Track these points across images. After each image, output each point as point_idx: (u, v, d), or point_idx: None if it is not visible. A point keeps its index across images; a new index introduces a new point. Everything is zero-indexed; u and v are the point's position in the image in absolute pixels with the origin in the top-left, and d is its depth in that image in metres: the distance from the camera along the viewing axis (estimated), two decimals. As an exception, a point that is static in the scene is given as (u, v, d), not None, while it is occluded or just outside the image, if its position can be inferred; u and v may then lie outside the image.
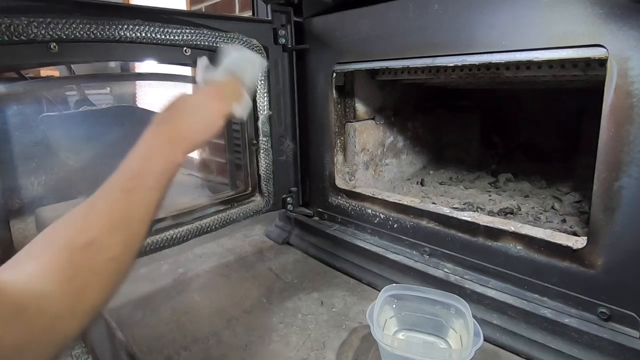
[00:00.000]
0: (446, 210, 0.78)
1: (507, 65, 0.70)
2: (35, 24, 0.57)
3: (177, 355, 0.67)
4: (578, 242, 0.61)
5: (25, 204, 0.90)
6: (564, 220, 0.83)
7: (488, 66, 0.75)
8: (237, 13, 1.53)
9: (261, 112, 0.91)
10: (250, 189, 0.96)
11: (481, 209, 0.92)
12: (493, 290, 0.69)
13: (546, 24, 0.59)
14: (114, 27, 0.65)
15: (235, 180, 1.05)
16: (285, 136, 0.99)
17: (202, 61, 0.60)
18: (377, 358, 0.64)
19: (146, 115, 1.08)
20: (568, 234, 0.67)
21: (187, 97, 0.53)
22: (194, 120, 0.51)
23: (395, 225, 0.85)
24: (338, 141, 0.99)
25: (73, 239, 0.36)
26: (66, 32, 0.60)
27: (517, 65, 0.70)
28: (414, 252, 0.82)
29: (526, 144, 1.35)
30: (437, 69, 0.83)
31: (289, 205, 1.03)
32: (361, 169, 1.04)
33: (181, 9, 0.99)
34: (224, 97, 0.56)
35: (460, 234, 0.75)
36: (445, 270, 0.76)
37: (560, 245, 0.62)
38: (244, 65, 0.61)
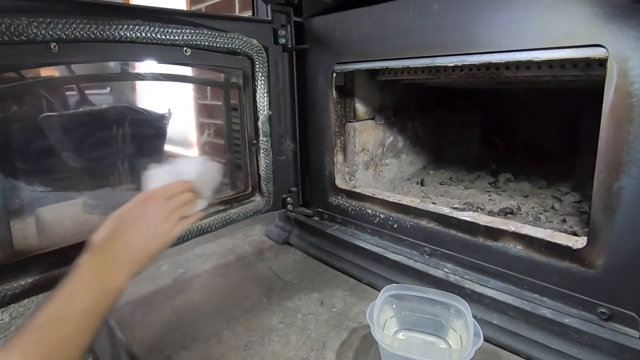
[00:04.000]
0: (446, 210, 0.78)
1: (507, 65, 0.70)
2: (35, 24, 0.57)
3: (177, 355, 0.67)
4: (578, 242, 0.61)
5: (25, 204, 0.90)
6: (564, 220, 0.83)
7: (488, 66, 0.75)
8: (237, 13, 1.53)
9: (261, 112, 0.91)
10: (250, 189, 0.96)
11: (481, 209, 0.92)
12: (493, 290, 0.69)
13: (546, 24, 0.59)
14: (114, 27, 0.65)
15: (235, 180, 1.04)
16: (285, 136, 0.99)
17: (152, 174, 0.55)
18: (377, 358, 0.64)
19: (144, 116, 1.07)
20: (568, 234, 0.67)
21: (126, 211, 0.48)
22: (136, 237, 0.47)
23: (395, 225, 0.85)
24: (338, 141, 0.99)
25: None
26: (66, 32, 0.60)
27: (517, 65, 0.70)
28: (414, 252, 0.82)
29: (526, 144, 1.36)
30: (437, 69, 0.83)
31: (289, 205, 1.03)
32: (361, 169, 1.04)
33: (181, 9, 0.99)
34: (172, 203, 0.51)
35: (460, 234, 0.75)
36: (445, 270, 0.76)
37: (560, 245, 0.62)
38: (203, 178, 0.59)
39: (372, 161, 1.07)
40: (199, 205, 0.58)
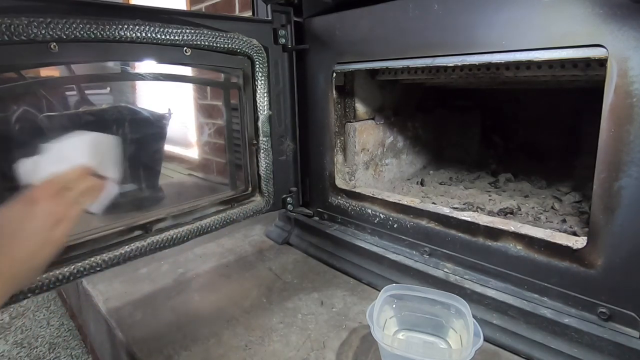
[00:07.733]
0: (446, 210, 0.78)
1: (507, 65, 0.70)
2: (35, 24, 0.57)
3: (177, 355, 0.67)
4: (578, 242, 0.61)
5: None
6: (564, 220, 0.83)
7: (488, 66, 0.75)
8: (237, 13, 1.53)
9: (261, 112, 0.91)
10: (250, 189, 0.96)
11: (481, 209, 0.92)
12: (493, 290, 0.69)
13: (546, 24, 0.59)
14: (114, 27, 0.65)
15: (235, 180, 1.04)
16: (285, 136, 0.99)
17: (32, 166, 0.47)
18: (377, 358, 0.64)
19: (144, 116, 1.07)
20: (568, 234, 0.67)
21: (5, 216, 0.40)
22: (20, 247, 0.39)
23: (395, 225, 0.85)
24: (338, 141, 0.99)
25: None
26: (66, 32, 0.60)
27: (517, 65, 0.70)
28: (414, 252, 0.82)
29: (526, 144, 1.36)
30: (437, 69, 0.83)
31: (289, 205, 1.03)
32: (361, 169, 1.04)
33: (181, 9, 0.99)
34: (65, 197, 0.43)
35: (460, 234, 0.75)
36: (445, 270, 0.76)
37: (560, 245, 0.62)
38: (100, 156, 0.49)
39: (372, 161, 1.07)
40: (109, 190, 0.50)
